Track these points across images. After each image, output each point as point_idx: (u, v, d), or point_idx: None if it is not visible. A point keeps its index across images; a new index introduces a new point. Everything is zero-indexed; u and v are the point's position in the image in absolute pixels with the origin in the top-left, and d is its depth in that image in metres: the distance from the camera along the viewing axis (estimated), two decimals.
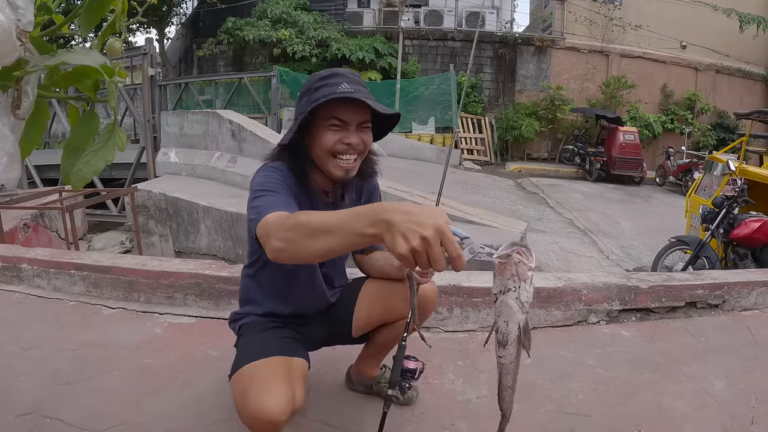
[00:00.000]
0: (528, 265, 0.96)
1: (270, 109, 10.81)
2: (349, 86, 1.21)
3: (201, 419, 1.61)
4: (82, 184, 0.93)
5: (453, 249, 0.82)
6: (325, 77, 1.24)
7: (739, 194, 4.29)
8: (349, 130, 1.24)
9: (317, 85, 1.24)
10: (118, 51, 1.09)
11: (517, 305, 1.02)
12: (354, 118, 1.24)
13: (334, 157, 1.25)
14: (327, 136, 1.23)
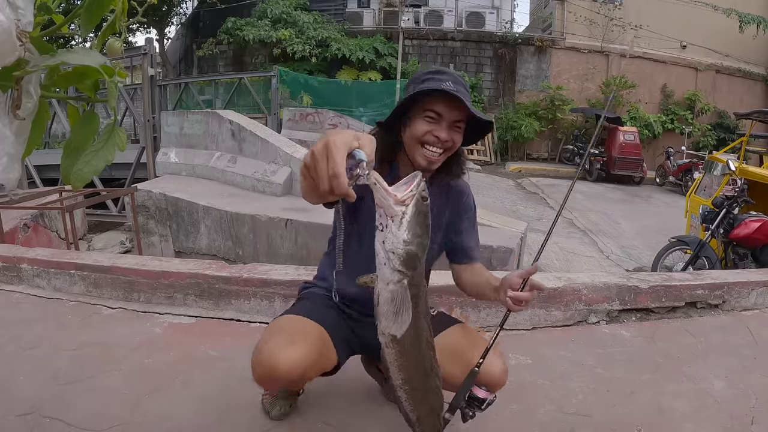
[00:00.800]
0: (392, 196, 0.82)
1: (270, 109, 10.81)
2: (453, 85, 1.26)
3: (201, 419, 1.61)
4: (82, 184, 0.93)
5: (331, 165, 0.80)
6: (434, 72, 1.30)
7: (739, 194, 4.29)
8: (441, 125, 1.29)
9: (425, 77, 1.30)
10: (118, 51, 1.09)
11: (383, 253, 0.84)
12: (449, 115, 1.28)
13: (422, 146, 1.30)
14: (420, 124, 1.28)
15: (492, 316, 2.30)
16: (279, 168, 5.82)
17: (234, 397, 1.72)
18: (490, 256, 3.87)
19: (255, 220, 4.89)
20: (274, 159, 5.89)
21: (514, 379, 1.80)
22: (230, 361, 1.97)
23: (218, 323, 2.32)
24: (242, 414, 1.63)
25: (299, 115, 10.90)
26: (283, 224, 4.75)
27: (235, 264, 2.71)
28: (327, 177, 0.81)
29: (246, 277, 2.38)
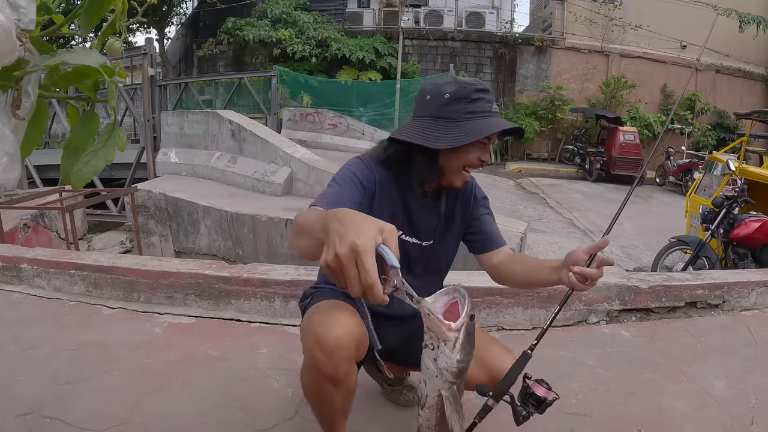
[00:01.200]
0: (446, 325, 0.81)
1: (270, 109, 10.82)
2: (495, 107, 1.24)
3: (201, 419, 1.61)
4: (82, 184, 0.93)
5: (364, 276, 0.74)
6: (481, 90, 1.23)
7: (739, 194, 4.28)
8: (488, 148, 1.27)
9: (475, 96, 1.21)
10: (118, 51, 1.09)
11: (434, 368, 0.87)
12: (493, 138, 1.26)
13: (464, 170, 1.26)
14: (473, 152, 1.24)
15: (491, 316, 2.30)
16: (279, 168, 5.82)
17: (234, 397, 1.72)
18: None
19: (255, 220, 4.90)
20: (274, 159, 5.89)
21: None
22: (230, 361, 1.97)
23: (218, 323, 2.32)
24: (242, 414, 1.63)
25: (299, 115, 10.90)
26: (283, 224, 4.75)
27: (235, 264, 2.71)
28: (359, 286, 0.75)
29: (246, 277, 2.38)
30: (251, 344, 2.11)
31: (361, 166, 1.25)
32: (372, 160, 1.28)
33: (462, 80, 1.24)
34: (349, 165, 1.26)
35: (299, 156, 5.77)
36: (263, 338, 2.15)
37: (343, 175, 1.22)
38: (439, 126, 1.20)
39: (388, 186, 1.27)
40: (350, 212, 0.81)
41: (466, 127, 1.19)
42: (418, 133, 1.22)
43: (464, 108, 1.20)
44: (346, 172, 1.23)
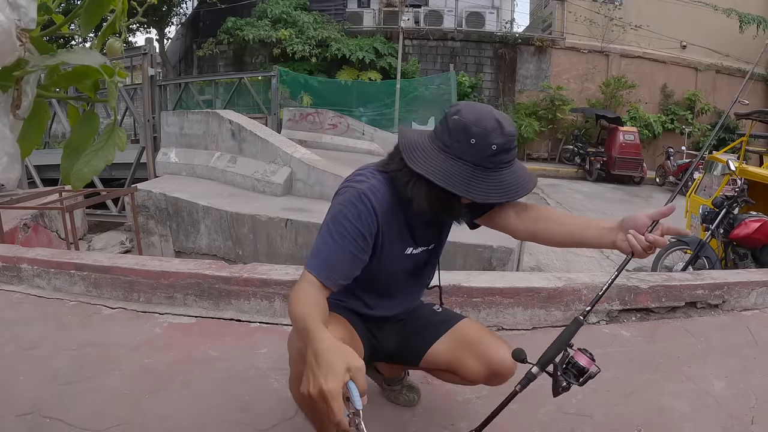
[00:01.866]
0: None
1: (270, 109, 10.82)
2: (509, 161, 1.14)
3: (201, 419, 1.61)
4: (82, 184, 0.93)
5: (331, 416, 0.87)
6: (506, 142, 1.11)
7: (739, 194, 4.28)
8: None
9: (496, 145, 1.10)
10: (118, 51, 1.09)
11: None
12: None
13: None
14: None
15: (491, 316, 2.30)
16: (279, 168, 5.82)
17: (234, 397, 1.72)
18: (490, 256, 3.87)
19: (255, 220, 4.89)
20: (274, 159, 5.89)
21: (514, 379, 1.80)
22: (230, 361, 1.97)
23: (218, 323, 2.32)
24: (242, 414, 1.63)
25: (299, 115, 10.90)
26: (283, 224, 4.75)
27: (235, 264, 2.71)
28: (330, 422, 0.88)
29: (246, 277, 2.38)
30: (251, 344, 2.11)
31: (359, 209, 1.14)
32: (372, 189, 1.17)
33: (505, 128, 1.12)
34: (344, 206, 1.15)
35: (299, 156, 5.77)
36: (263, 338, 2.15)
37: (339, 226, 1.14)
38: (477, 176, 1.11)
39: (391, 212, 1.20)
40: (325, 346, 0.93)
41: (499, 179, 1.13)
42: (458, 181, 1.11)
43: (502, 159, 1.13)
44: (342, 222, 1.14)
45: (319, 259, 1.14)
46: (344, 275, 1.16)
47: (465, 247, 3.81)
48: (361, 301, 1.36)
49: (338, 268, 1.14)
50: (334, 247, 1.13)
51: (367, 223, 1.15)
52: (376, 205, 1.15)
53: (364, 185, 1.17)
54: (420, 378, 1.75)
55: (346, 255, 1.14)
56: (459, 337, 1.39)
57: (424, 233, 1.32)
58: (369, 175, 1.20)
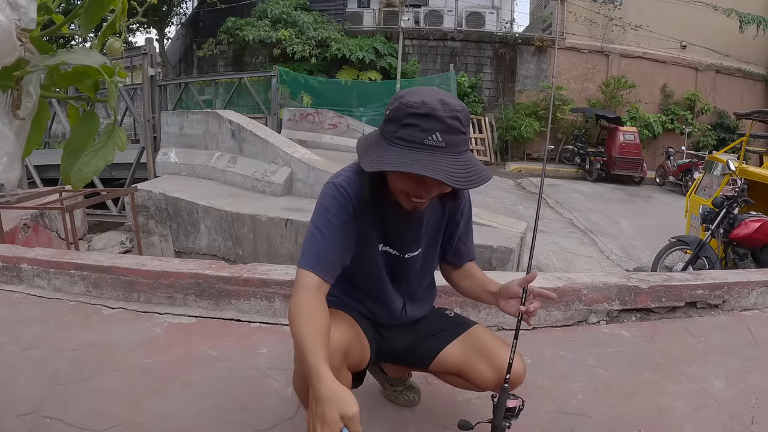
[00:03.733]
0: None
1: (270, 109, 10.83)
2: (441, 138, 1.04)
3: (201, 419, 1.61)
4: (82, 184, 0.93)
5: None
6: (418, 115, 1.05)
7: (739, 194, 4.29)
8: (422, 187, 1.12)
9: (407, 121, 1.06)
10: (118, 51, 1.09)
11: None
12: (430, 193, 1.14)
13: (407, 196, 1.16)
14: (401, 182, 1.13)
15: (491, 316, 2.30)
16: (279, 168, 5.82)
17: (234, 397, 1.72)
18: (490, 256, 3.87)
19: (255, 220, 4.90)
20: (274, 159, 5.89)
21: None
22: (230, 361, 1.97)
23: (218, 323, 2.32)
24: (242, 414, 1.63)
25: (299, 115, 10.91)
26: (283, 224, 4.75)
27: (235, 264, 2.71)
28: None
29: (246, 277, 2.38)
30: (251, 344, 2.11)
31: (338, 200, 1.19)
32: (347, 180, 1.22)
33: (409, 98, 1.07)
34: (325, 201, 1.21)
35: (299, 156, 5.77)
36: (263, 338, 2.15)
37: (323, 220, 1.19)
38: (376, 144, 1.12)
39: (364, 201, 1.22)
40: (322, 394, 0.98)
41: (388, 153, 1.07)
42: (363, 147, 1.16)
43: (395, 131, 1.07)
44: (325, 215, 1.19)
45: (309, 255, 1.17)
46: (336, 264, 1.19)
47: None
48: (363, 305, 1.38)
49: (330, 258, 1.18)
50: (323, 240, 1.18)
51: (347, 211, 1.20)
52: (350, 192, 1.20)
53: (340, 178, 1.23)
54: (420, 378, 1.75)
55: (335, 244, 1.18)
56: (471, 342, 1.40)
57: (399, 234, 1.30)
58: (347, 169, 1.26)
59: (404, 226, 1.30)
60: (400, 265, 1.35)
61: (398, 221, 1.28)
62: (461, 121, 1.07)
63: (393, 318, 1.41)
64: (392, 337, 1.43)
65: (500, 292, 1.32)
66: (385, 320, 1.41)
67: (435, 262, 1.44)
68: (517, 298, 1.28)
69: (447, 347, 1.41)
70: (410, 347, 1.44)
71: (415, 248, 1.34)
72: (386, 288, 1.36)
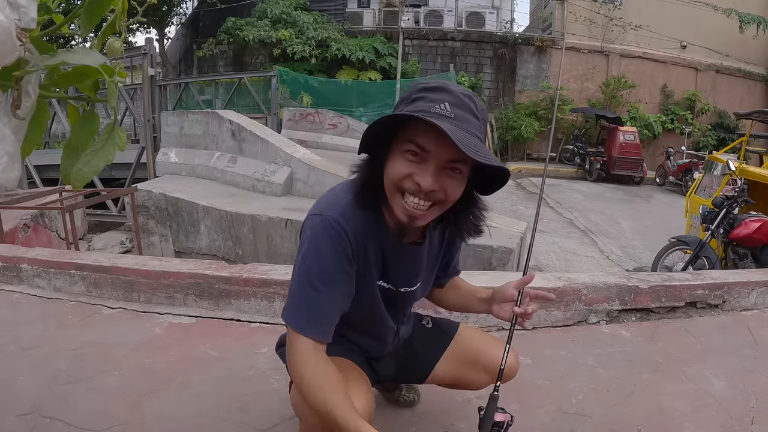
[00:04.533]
0: None
1: (270, 109, 10.83)
2: (450, 109, 0.93)
3: (201, 419, 1.61)
4: (82, 184, 0.93)
5: None
6: (428, 89, 0.96)
7: (739, 194, 4.29)
8: (426, 166, 0.94)
9: (416, 95, 0.96)
10: (118, 51, 1.09)
11: None
12: (439, 152, 0.93)
13: (401, 194, 0.98)
14: (397, 164, 0.96)
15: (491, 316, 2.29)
16: (279, 168, 5.82)
17: (234, 397, 1.72)
18: (490, 256, 3.87)
19: (255, 220, 4.90)
20: (274, 159, 5.89)
21: (514, 379, 1.80)
22: (230, 361, 1.97)
23: (218, 323, 2.32)
24: (242, 414, 1.63)
25: (299, 115, 10.91)
26: (283, 224, 4.75)
27: (235, 264, 2.71)
28: None
29: (246, 277, 2.38)
30: (251, 344, 2.11)
31: (335, 242, 1.01)
32: (342, 212, 1.02)
33: (419, 84, 1.00)
34: (318, 244, 1.01)
35: (299, 156, 5.77)
36: (263, 338, 2.15)
37: (318, 270, 1.01)
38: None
39: (364, 235, 1.05)
40: None
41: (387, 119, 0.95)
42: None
43: (402, 109, 0.96)
44: (320, 264, 1.01)
45: (305, 316, 1.01)
46: (335, 320, 1.05)
47: (465, 247, 3.81)
48: (354, 341, 1.26)
49: (329, 318, 1.03)
50: (319, 298, 1.01)
51: (346, 254, 1.02)
52: (348, 229, 1.01)
53: (334, 210, 1.03)
54: None
55: (333, 300, 1.03)
56: (459, 353, 1.36)
57: (399, 268, 1.15)
58: (339, 194, 1.07)
59: (404, 259, 1.15)
60: (399, 299, 1.21)
61: (398, 254, 1.12)
62: (476, 104, 0.96)
63: (385, 349, 1.31)
64: (383, 366, 1.35)
65: (494, 296, 1.24)
66: (376, 353, 1.31)
67: (429, 288, 1.32)
68: (512, 301, 1.20)
69: (437, 366, 1.36)
70: (401, 371, 1.39)
71: (414, 283, 1.21)
72: (381, 322, 1.22)
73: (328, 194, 1.09)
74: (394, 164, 0.97)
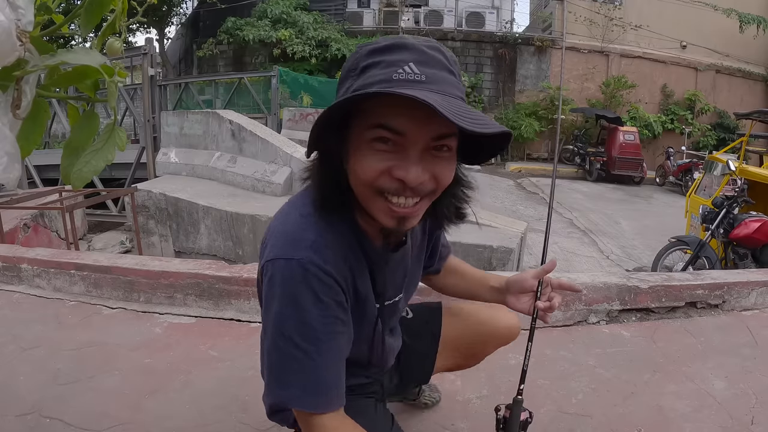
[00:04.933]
0: None
1: (270, 109, 10.82)
2: (418, 69, 0.70)
3: (201, 419, 1.61)
4: (82, 184, 0.93)
5: None
6: (380, 49, 0.72)
7: (739, 194, 4.29)
8: (406, 154, 0.73)
9: (366, 62, 0.73)
10: (118, 51, 1.09)
11: None
12: (419, 132, 0.72)
13: (381, 196, 0.76)
14: (366, 159, 0.74)
15: None
16: (279, 168, 5.82)
17: (234, 397, 1.72)
18: (490, 256, 3.87)
19: (255, 220, 4.90)
20: (274, 159, 5.89)
21: (514, 379, 1.80)
22: (230, 361, 1.97)
23: (218, 323, 2.32)
24: (242, 414, 1.63)
25: (299, 115, 10.90)
26: None
27: (235, 264, 2.71)
28: None
29: (246, 277, 2.38)
30: (251, 344, 2.11)
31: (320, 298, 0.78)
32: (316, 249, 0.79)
33: (365, 46, 0.76)
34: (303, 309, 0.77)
35: (299, 156, 5.77)
36: None
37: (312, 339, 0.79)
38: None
39: (347, 264, 0.84)
40: None
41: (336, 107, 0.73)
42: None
43: (349, 86, 0.75)
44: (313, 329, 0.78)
45: (314, 392, 0.80)
46: (344, 374, 0.86)
47: (465, 247, 3.81)
48: (359, 376, 1.08)
49: (338, 377, 0.84)
50: (319, 362, 0.80)
51: (335, 301, 0.81)
52: (328, 268, 0.79)
53: (302, 247, 0.78)
54: None
55: (336, 357, 0.83)
56: (453, 342, 1.28)
57: (389, 283, 0.96)
58: (301, 222, 0.82)
59: (392, 270, 0.95)
60: (394, 310, 1.04)
61: (384, 264, 0.92)
62: (446, 56, 0.74)
63: (384, 369, 1.16)
64: (383, 390, 1.19)
65: (509, 286, 1.10)
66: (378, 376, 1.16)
67: (416, 288, 1.14)
68: (531, 292, 1.08)
69: (437, 363, 1.27)
70: (402, 379, 1.27)
71: (401, 290, 1.03)
72: (377, 340, 1.02)
73: (283, 220, 0.84)
74: (361, 160, 0.74)
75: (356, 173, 0.76)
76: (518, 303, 1.10)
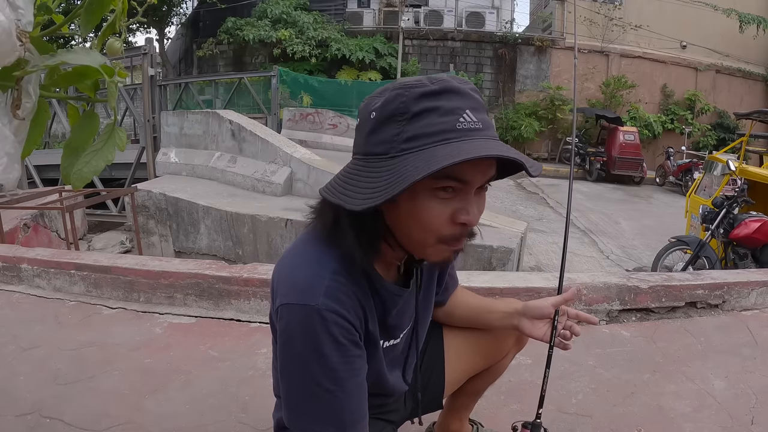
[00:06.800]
0: None
1: (270, 109, 10.83)
2: (474, 117, 0.73)
3: (201, 419, 1.61)
4: (82, 184, 0.93)
5: None
6: (433, 94, 0.72)
7: (739, 194, 4.29)
8: (466, 197, 0.75)
9: (419, 107, 0.71)
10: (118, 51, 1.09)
11: None
12: (478, 177, 0.75)
13: (444, 243, 0.78)
14: (432, 208, 0.74)
15: None
16: (279, 168, 5.82)
17: (234, 397, 1.72)
18: (490, 256, 3.87)
19: (255, 220, 4.89)
20: (274, 159, 5.89)
21: (514, 379, 1.81)
22: (230, 361, 1.97)
23: (218, 323, 2.32)
24: (242, 414, 1.63)
25: (299, 115, 10.91)
26: (283, 224, 4.75)
27: (235, 264, 2.71)
28: None
29: (246, 277, 2.38)
30: (251, 344, 2.11)
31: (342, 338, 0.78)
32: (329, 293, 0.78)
33: (400, 84, 0.74)
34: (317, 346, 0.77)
35: (299, 156, 5.77)
36: (263, 338, 2.15)
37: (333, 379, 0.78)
38: (364, 171, 0.75)
39: (362, 305, 0.83)
40: None
41: (402, 166, 0.70)
42: (338, 187, 0.77)
43: (398, 133, 0.72)
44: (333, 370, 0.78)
45: (342, 426, 0.81)
46: (366, 405, 0.86)
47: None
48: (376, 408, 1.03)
49: (362, 409, 0.84)
50: (343, 399, 0.80)
51: (353, 342, 0.81)
52: (346, 313, 0.79)
53: (318, 294, 0.77)
54: None
55: (357, 391, 0.82)
56: (461, 347, 1.21)
57: (399, 317, 0.95)
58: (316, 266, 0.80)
59: (402, 304, 0.93)
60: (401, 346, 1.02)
61: (397, 300, 0.91)
62: (479, 94, 0.78)
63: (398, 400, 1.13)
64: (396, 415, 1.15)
65: (525, 310, 1.08)
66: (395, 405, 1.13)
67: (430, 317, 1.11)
68: (547, 319, 1.07)
69: (446, 378, 1.20)
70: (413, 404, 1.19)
71: (410, 320, 1.01)
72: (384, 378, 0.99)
73: (295, 262, 0.83)
74: (425, 210, 0.74)
75: (420, 222, 0.76)
76: (534, 329, 1.08)
